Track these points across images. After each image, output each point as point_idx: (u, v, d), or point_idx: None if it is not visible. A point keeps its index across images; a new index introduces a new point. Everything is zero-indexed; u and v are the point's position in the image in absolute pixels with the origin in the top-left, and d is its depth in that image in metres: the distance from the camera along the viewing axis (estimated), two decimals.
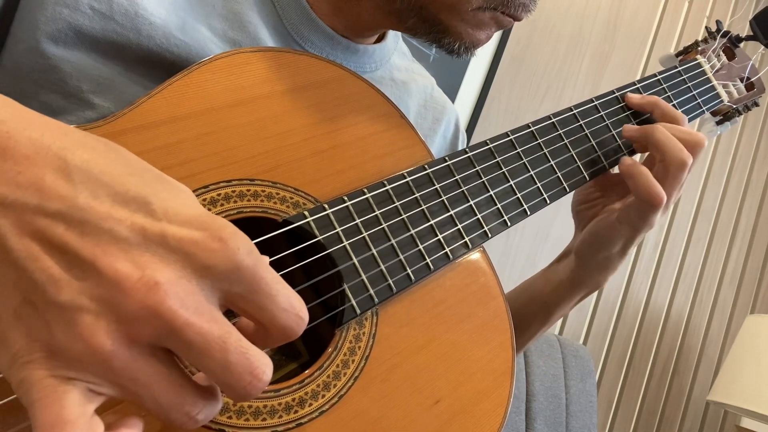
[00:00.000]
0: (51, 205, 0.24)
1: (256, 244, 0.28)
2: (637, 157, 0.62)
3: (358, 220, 0.44)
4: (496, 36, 1.52)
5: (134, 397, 0.24)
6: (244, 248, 0.25)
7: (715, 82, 0.67)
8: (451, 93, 1.47)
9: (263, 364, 0.25)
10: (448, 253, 0.47)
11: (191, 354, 0.24)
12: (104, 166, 0.25)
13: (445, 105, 0.70)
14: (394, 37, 0.65)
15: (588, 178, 0.56)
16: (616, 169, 0.59)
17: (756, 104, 0.71)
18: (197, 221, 0.25)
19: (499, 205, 0.51)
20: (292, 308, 0.27)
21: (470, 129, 1.50)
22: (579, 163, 0.56)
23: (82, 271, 0.23)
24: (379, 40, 0.63)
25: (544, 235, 1.60)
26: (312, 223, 0.43)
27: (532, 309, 0.63)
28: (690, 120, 0.62)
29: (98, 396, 0.24)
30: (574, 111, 0.57)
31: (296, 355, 0.47)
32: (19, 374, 0.23)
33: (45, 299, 0.23)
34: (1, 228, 0.23)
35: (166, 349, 0.25)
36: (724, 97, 0.67)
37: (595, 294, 1.74)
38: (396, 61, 0.65)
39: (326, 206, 0.44)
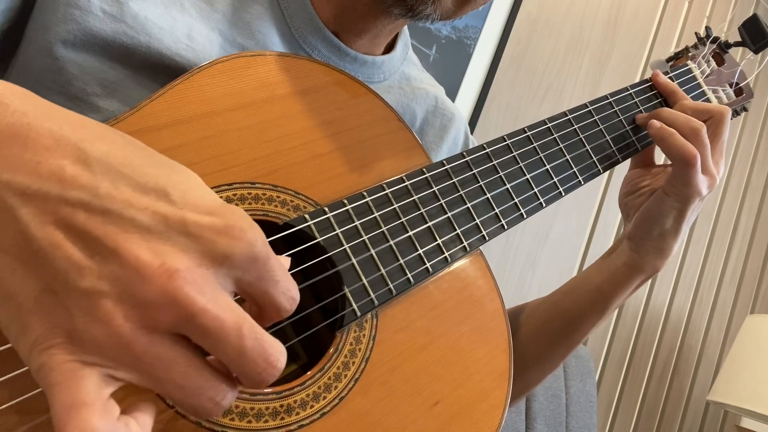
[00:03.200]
0: (73, 194, 0.24)
1: None
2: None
3: (357, 223, 0.45)
4: (497, 36, 1.52)
5: (156, 383, 0.25)
6: (261, 239, 0.26)
7: (705, 87, 0.67)
8: (451, 93, 1.47)
9: (277, 351, 0.26)
10: (447, 257, 0.48)
11: (208, 340, 0.25)
12: (123, 158, 0.26)
13: (453, 113, 0.69)
14: (403, 48, 0.65)
15: (582, 183, 0.57)
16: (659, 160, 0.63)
17: (745, 109, 0.71)
18: (217, 210, 0.26)
19: (496, 210, 0.51)
20: (288, 291, 0.28)
21: (470, 129, 1.50)
22: (575, 169, 0.56)
23: (103, 258, 0.24)
24: (388, 51, 0.63)
25: (544, 235, 1.60)
26: (312, 227, 0.43)
27: (587, 301, 0.62)
28: None
29: (116, 381, 0.25)
30: (569, 116, 0.58)
31: (295, 357, 0.47)
32: (38, 359, 0.24)
33: (66, 286, 0.24)
34: (24, 217, 0.24)
35: (186, 338, 0.25)
36: (714, 101, 0.68)
37: None
38: (406, 70, 0.66)
39: (326, 209, 0.44)
